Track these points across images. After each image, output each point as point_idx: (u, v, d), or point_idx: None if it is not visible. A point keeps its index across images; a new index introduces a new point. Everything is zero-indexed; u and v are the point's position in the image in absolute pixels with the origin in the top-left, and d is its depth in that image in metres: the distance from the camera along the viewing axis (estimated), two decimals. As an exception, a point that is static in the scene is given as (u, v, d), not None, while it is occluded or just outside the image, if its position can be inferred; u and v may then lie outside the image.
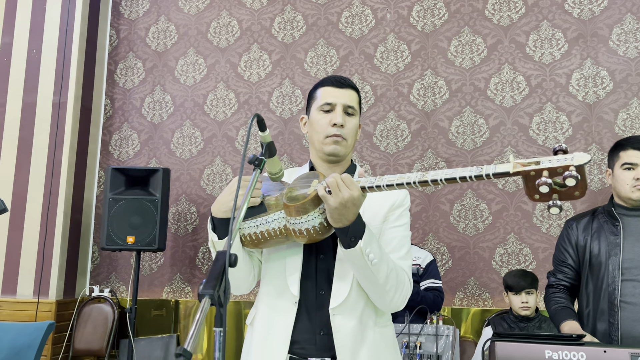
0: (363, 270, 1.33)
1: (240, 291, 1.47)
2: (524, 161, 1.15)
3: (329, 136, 1.47)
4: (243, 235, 1.39)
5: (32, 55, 4.15)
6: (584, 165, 1.09)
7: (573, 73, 3.69)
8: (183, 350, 0.79)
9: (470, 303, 3.64)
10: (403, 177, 1.24)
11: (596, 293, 1.98)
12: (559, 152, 1.14)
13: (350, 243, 1.29)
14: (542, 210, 3.61)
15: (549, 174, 1.10)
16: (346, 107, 1.50)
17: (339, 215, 1.26)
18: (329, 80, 1.53)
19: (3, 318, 3.78)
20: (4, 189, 3.97)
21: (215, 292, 0.91)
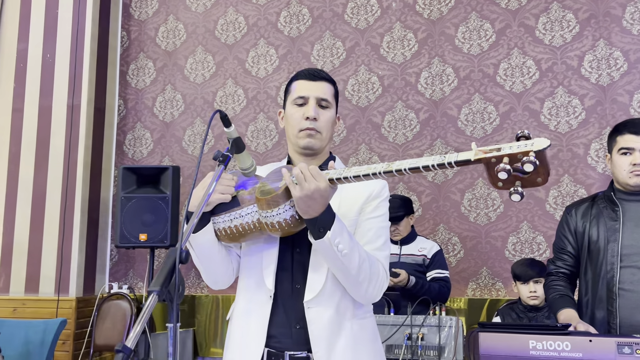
0: (334, 261, 1.33)
1: (219, 286, 1.48)
2: (485, 148, 1.13)
3: (302, 130, 1.47)
4: (218, 229, 1.40)
5: (47, 60, 4.25)
6: (543, 150, 1.06)
7: (585, 55, 3.59)
8: (122, 347, 0.80)
9: (483, 293, 3.59)
10: (370, 168, 1.24)
11: (595, 280, 1.93)
12: (521, 138, 1.12)
13: (319, 234, 1.29)
14: (555, 197, 3.53)
15: (509, 160, 1.08)
16: (319, 100, 1.49)
17: (306, 206, 1.26)
18: (302, 74, 1.53)
19: (27, 315, 3.91)
20: (24, 190, 4.09)
21: (163, 289, 0.92)
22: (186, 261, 0.99)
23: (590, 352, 1.40)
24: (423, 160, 1.17)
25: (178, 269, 0.96)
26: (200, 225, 1.37)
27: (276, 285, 1.42)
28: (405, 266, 3.04)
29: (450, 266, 3.64)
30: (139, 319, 0.87)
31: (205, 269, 1.45)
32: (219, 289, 1.49)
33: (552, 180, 3.55)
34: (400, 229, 3.13)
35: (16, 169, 4.13)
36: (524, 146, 1.07)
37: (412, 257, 3.12)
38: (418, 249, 3.13)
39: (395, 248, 3.17)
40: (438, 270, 3.08)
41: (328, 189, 1.26)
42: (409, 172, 1.19)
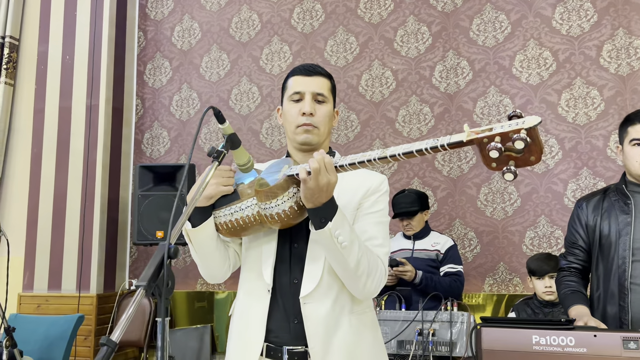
0: (333, 253, 1.32)
1: (215, 280, 1.50)
2: (478, 129, 1.12)
3: (299, 125, 1.47)
4: (219, 223, 1.41)
5: (66, 61, 4.33)
6: (535, 127, 1.05)
7: (604, 45, 3.50)
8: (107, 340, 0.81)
9: (500, 289, 3.54)
10: (365, 155, 1.24)
11: (606, 275, 1.88)
12: (513, 117, 1.10)
13: (320, 224, 1.29)
14: (573, 191, 3.46)
15: (500, 139, 1.06)
16: (315, 94, 1.48)
17: (312, 196, 1.26)
18: (297, 69, 1.52)
19: (50, 312, 4.00)
20: (46, 190, 4.19)
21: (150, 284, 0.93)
22: (175, 256, 1.00)
23: (595, 348, 1.37)
24: (416, 145, 1.16)
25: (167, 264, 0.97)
26: (201, 220, 1.39)
27: (275, 280, 1.42)
28: (418, 261, 3.01)
29: (467, 261, 3.61)
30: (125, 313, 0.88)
31: (203, 263, 1.46)
32: (215, 282, 1.51)
33: (571, 173, 3.48)
34: (413, 224, 3.10)
35: (38, 169, 4.22)
36: (515, 124, 1.06)
37: (425, 252, 3.09)
38: (431, 244, 3.10)
39: (408, 243, 3.15)
40: (451, 264, 3.05)
41: (336, 182, 1.27)
42: (403, 157, 1.18)
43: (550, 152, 3.53)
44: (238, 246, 1.53)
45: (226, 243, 1.50)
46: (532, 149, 1.05)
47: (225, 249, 1.49)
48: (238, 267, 1.55)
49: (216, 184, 1.36)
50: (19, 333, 2.47)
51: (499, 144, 1.05)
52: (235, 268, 1.53)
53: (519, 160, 1.07)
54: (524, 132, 1.03)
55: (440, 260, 3.07)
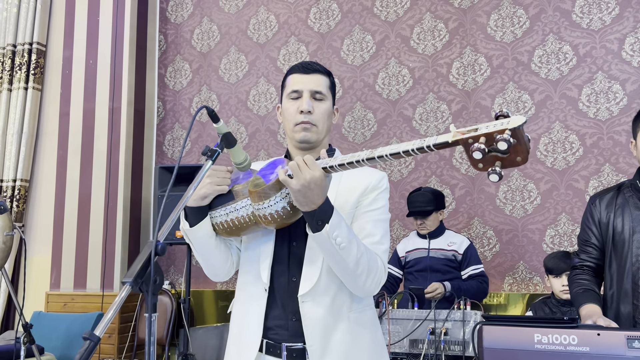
0: (331, 254, 1.32)
1: (219, 278, 1.51)
2: (463, 129, 1.10)
3: (297, 124, 1.47)
4: (215, 223, 1.43)
5: (90, 65, 4.44)
6: (519, 127, 1.03)
7: (626, 37, 3.41)
8: (90, 334, 0.84)
9: (520, 288, 3.48)
10: (354, 156, 1.24)
11: (620, 273, 1.83)
12: (499, 117, 1.08)
13: (317, 227, 1.29)
14: (595, 188, 3.38)
15: (485, 140, 1.05)
16: (313, 92, 1.48)
17: (304, 198, 1.26)
18: (296, 67, 1.53)
19: (76, 310, 4.11)
20: (71, 191, 4.30)
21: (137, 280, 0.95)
22: (162, 253, 1.02)
23: (599, 347, 1.34)
24: (403, 146, 1.16)
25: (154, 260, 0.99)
26: (197, 219, 1.40)
27: (273, 279, 1.43)
28: (434, 261, 2.99)
29: (486, 260, 3.56)
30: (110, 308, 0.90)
31: (204, 262, 1.48)
32: (219, 281, 1.53)
33: (592, 170, 3.40)
34: (427, 224, 3.08)
35: (64, 171, 4.34)
36: (500, 125, 1.05)
37: (441, 252, 3.06)
38: (447, 244, 3.07)
39: (423, 242, 3.13)
40: (473, 266, 3.02)
41: (323, 177, 1.25)
42: (391, 158, 1.18)
43: (571, 148, 3.45)
44: (240, 244, 1.54)
45: (228, 241, 1.51)
46: (517, 149, 1.03)
47: (227, 247, 1.50)
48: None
49: (210, 184, 1.37)
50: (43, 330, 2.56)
51: (483, 144, 1.04)
52: (238, 266, 1.54)
53: (506, 161, 1.05)
54: (508, 132, 1.02)
55: (459, 261, 3.04)
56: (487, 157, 1.05)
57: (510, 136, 1.01)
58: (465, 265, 3.10)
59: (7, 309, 4.36)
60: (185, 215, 1.43)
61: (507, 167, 1.06)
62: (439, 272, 3.07)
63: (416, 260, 3.11)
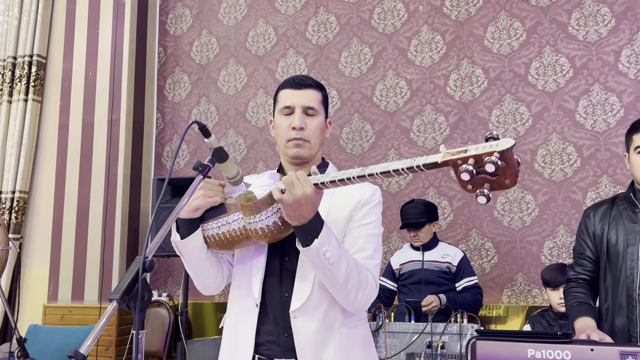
0: (321, 269, 1.32)
1: (209, 291, 1.51)
2: (453, 150, 1.10)
3: (290, 140, 1.47)
4: (207, 236, 1.43)
5: (89, 77, 4.46)
6: (508, 150, 1.03)
7: (622, 49, 3.42)
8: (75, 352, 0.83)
9: (519, 300, 3.47)
10: (345, 173, 1.24)
11: (614, 286, 1.83)
12: (489, 139, 1.09)
13: (306, 241, 1.29)
14: (593, 199, 3.37)
15: (474, 161, 1.05)
16: (305, 108, 1.48)
17: (294, 213, 1.26)
18: (287, 82, 1.53)
19: (73, 322, 4.09)
20: (69, 203, 4.30)
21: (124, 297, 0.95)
22: (150, 270, 1.02)
23: (592, 362, 1.33)
24: (394, 164, 1.16)
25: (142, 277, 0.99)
26: (189, 231, 1.41)
27: (265, 294, 1.43)
28: (429, 273, 2.99)
29: (484, 272, 3.55)
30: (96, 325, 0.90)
31: (195, 275, 1.48)
32: (209, 294, 1.52)
33: (590, 182, 3.40)
34: (420, 236, 3.09)
35: (62, 182, 4.35)
36: (489, 147, 1.05)
37: (435, 264, 3.07)
38: (441, 255, 3.08)
39: (417, 254, 3.13)
40: (467, 278, 3.03)
41: (314, 193, 1.26)
42: (381, 176, 1.18)
43: (569, 160, 3.46)
44: (232, 258, 1.54)
45: (219, 255, 1.51)
46: (506, 172, 1.03)
47: (218, 260, 1.50)
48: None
49: (203, 196, 1.38)
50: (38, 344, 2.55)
51: (471, 166, 1.03)
52: (229, 280, 1.54)
53: (494, 183, 1.05)
54: (497, 154, 1.02)
55: (453, 273, 3.04)
56: (476, 179, 1.04)
57: (498, 159, 1.01)
58: (459, 277, 3.11)
59: (5, 320, 4.35)
60: (177, 227, 1.43)
61: (495, 190, 1.06)
62: (434, 284, 3.08)
63: (410, 273, 3.11)
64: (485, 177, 1.05)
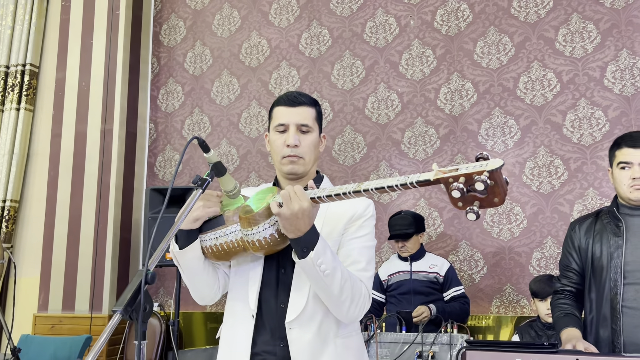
0: (316, 280, 1.36)
1: (205, 301, 1.54)
2: (445, 169, 1.15)
3: (285, 157, 1.51)
4: (205, 247, 1.46)
5: (82, 87, 4.48)
6: (497, 170, 1.08)
7: (608, 65, 3.51)
8: (80, 362, 0.86)
9: (507, 310, 3.52)
10: (341, 188, 1.28)
11: (599, 298, 1.88)
12: (479, 159, 1.13)
13: (302, 253, 1.33)
14: (580, 211, 3.44)
15: (465, 180, 1.10)
16: (299, 125, 1.52)
17: (291, 226, 1.30)
18: (282, 100, 1.57)
19: (63, 332, 4.08)
20: (61, 212, 4.30)
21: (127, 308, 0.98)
22: (152, 282, 1.05)
23: (577, 372, 1.38)
24: (388, 181, 1.21)
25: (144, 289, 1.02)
26: (187, 242, 1.44)
27: (261, 305, 1.46)
28: (417, 283, 3.05)
29: (474, 283, 3.60)
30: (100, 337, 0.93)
31: (192, 285, 1.51)
32: (205, 304, 1.55)
33: (577, 194, 3.47)
34: (408, 246, 3.16)
35: (54, 192, 4.35)
36: (479, 166, 1.10)
37: (423, 274, 3.15)
38: (429, 266, 3.16)
39: (405, 265, 3.19)
40: (455, 288, 3.10)
41: (311, 208, 1.30)
42: (376, 192, 1.23)
43: (556, 172, 3.53)
44: (228, 269, 1.57)
45: (215, 265, 1.55)
46: (495, 190, 1.08)
47: (214, 271, 1.53)
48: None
49: (202, 207, 1.42)
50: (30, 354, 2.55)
51: (462, 184, 1.08)
52: (225, 290, 1.57)
53: (484, 201, 1.10)
54: (486, 174, 1.07)
55: (441, 283, 3.11)
56: (467, 197, 1.09)
57: (487, 177, 1.06)
58: (447, 287, 3.20)
59: (-6, 330, 4.33)
60: (175, 238, 1.46)
61: (485, 207, 1.11)
62: (422, 294, 3.14)
63: (399, 283, 3.17)
64: (475, 195, 1.10)
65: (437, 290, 3.12)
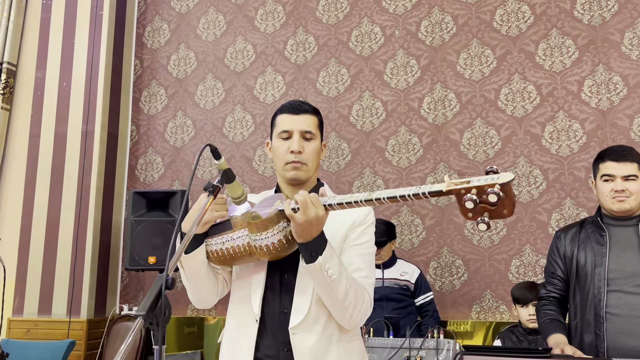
0: (323, 285, 1.39)
1: (203, 305, 1.56)
2: (457, 181, 1.20)
3: (288, 163, 1.54)
4: (210, 251, 1.48)
5: (63, 87, 4.42)
6: (508, 183, 1.13)
7: (585, 80, 3.64)
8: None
9: (487, 316, 3.61)
10: (352, 197, 1.32)
11: (583, 304, 1.96)
12: (490, 172, 1.19)
13: (310, 258, 1.36)
14: (557, 220, 3.55)
15: (477, 192, 1.14)
16: (303, 132, 1.56)
17: (303, 231, 1.33)
18: (285, 107, 1.60)
19: (39, 337, 4.00)
20: (39, 214, 4.22)
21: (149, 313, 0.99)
22: (172, 287, 1.07)
23: (570, 376, 1.43)
24: (400, 191, 1.25)
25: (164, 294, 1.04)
26: (194, 246, 1.45)
27: (264, 309, 1.48)
28: (389, 290, 3.16)
29: (455, 289, 3.68)
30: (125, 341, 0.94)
31: (192, 288, 1.52)
32: (202, 308, 1.57)
33: (555, 204, 3.58)
34: (382, 254, 3.26)
35: (32, 193, 4.27)
36: (491, 179, 1.15)
37: (395, 281, 3.27)
38: (400, 273, 3.28)
39: (377, 272, 3.26)
40: (424, 294, 3.30)
41: (325, 216, 1.34)
42: (388, 201, 1.27)
43: (535, 182, 3.63)
44: (227, 274, 1.59)
45: (215, 270, 1.56)
46: (505, 202, 1.13)
47: (215, 276, 1.55)
48: (226, 293, 1.62)
49: (211, 210, 1.43)
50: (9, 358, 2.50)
51: (475, 196, 1.13)
52: (222, 295, 1.59)
53: (493, 213, 1.15)
54: (498, 187, 1.12)
55: (412, 290, 3.24)
56: (477, 208, 1.14)
57: (500, 190, 1.11)
58: (417, 293, 3.35)
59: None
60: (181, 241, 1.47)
61: (494, 219, 1.16)
62: (394, 301, 3.23)
63: None
64: (485, 207, 1.15)
65: (408, 296, 3.25)
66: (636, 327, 1.82)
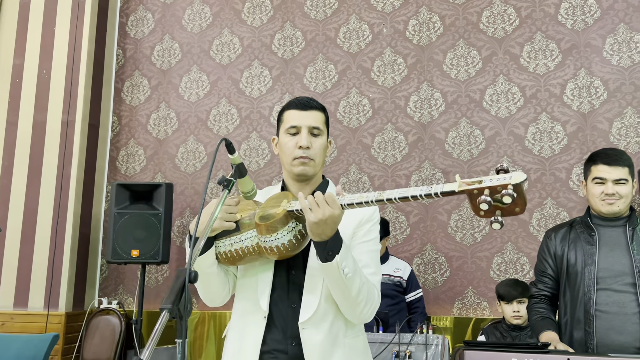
0: (337, 283, 1.40)
1: (215, 304, 1.56)
2: (468, 180, 1.22)
3: (296, 158, 1.55)
4: (219, 252, 1.48)
5: (42, 75, 4.31)
6: (521, 183, 1.16)
7: (567, 83, 3.73)
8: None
9: (468, 312, 3.68)
10: (362, 197, 1.33)
11: (573, 302, 2.03)
12: (500, 171, 1.21)
13: (327, 257, 1.37)
14: (538, 220, 3.65)
15: (489, 192, 1.17)
16: (311, 128, 1.57)
17: (319, 230, 1.34)
18: (293, 103, 1.60)
19: (15, 330, 3.91)
20: (15, 204, 4.12)
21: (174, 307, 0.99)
22: (195, 281, 1.07)
23: (568, 370, 1.48)
24: (412, 190, 1.26)
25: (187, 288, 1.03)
26: (203, 250, 1.45)
27: (272, 306, 1.49)
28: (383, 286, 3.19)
29: (437, 285, 3.74)
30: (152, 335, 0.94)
31: (204, 289, 1.52)
32: (214, 306, 1.56)
33: (536, 203, 3.67)
34: None
35: (8, 182, 4.16)
36: (503, 179, 1.17)
37: (388, 277, 3.32)
38: (393, 270, 3.33)
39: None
40: (415, 291, 3.38)
41: (341, 215, 1.35)
42: (399, 201, 1.28)
43: (517, 182, 3.71)
44: (236, 269, 1.59)
45: (225, 268, 1.56)
46: (517, 201, 1.16)
47: (225, 274, 1.55)
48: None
49: (220, 219, 1.43)
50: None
51: (488, 197, 1.15)
52: (233, 292, 1.59)
53: (505, 211, 1.17)
54: (511, 187, 1.14)
55: (404, 287, 3.29)
56: (490, 208, 1.17)
57: (513, 190, 1.14)
58: (409, 290, 3.42)
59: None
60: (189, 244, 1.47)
61: (506, 216, 1.19)
62: (388, 297, 3.26)
63: None
64: (497, 206, 1.17)
65: (401, 293, 3.30)
66: (625, 324, 1.90)
